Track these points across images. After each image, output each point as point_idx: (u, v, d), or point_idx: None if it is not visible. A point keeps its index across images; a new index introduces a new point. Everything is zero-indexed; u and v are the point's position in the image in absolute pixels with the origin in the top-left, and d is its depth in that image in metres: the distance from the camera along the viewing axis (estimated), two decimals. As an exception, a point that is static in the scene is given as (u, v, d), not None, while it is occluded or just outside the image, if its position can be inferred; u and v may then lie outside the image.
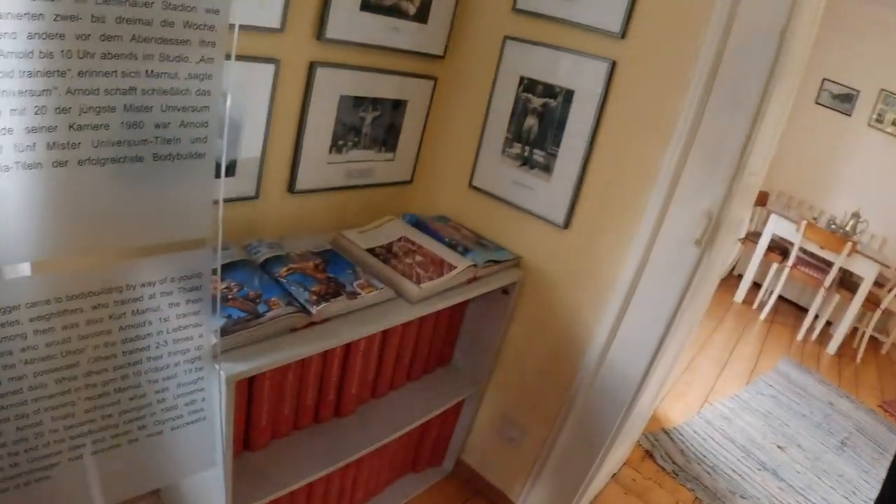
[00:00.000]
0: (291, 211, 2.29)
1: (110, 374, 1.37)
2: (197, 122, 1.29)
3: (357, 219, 2.46)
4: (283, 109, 2.08)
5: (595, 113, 2.14)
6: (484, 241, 2.45)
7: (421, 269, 2.10)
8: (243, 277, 1.81)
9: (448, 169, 2.65)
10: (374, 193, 2.55)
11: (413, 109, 2.52)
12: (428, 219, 2.50)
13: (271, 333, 1.67)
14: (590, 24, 2.12)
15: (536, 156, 2.32)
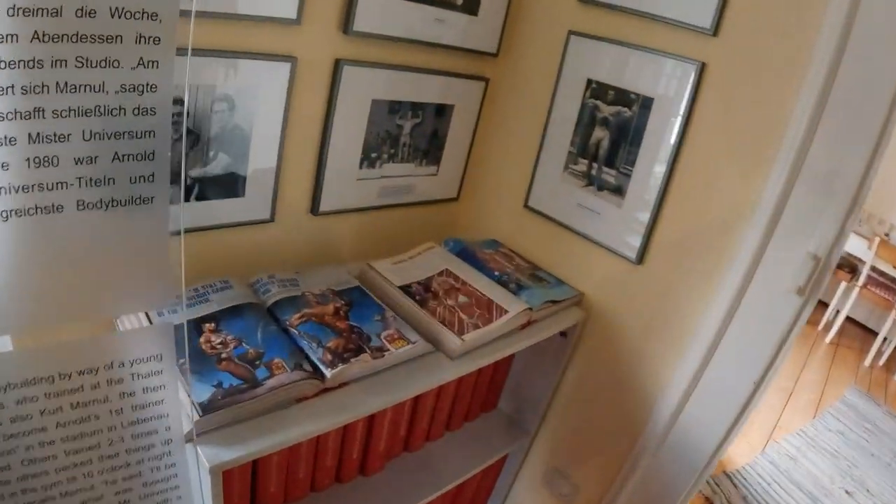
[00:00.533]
0: (314, 236, 1.97)
1: (52, 476, 1.06)
2: (136, 154, 0.95)
3: (392, 244, 2.12)
4: (303, 116, 1.75)
5: (679, 127, 1.75)
6: (540, 273, 2.08)
7: (465, 314, 1.74)
8: (244, 328, 1.48)
9: (500, 186, 2.28)
10: (413, 213, 2.21)
11: (460, 116, 2.14)
12: (475, 245, 2.14)
13: (272, 406, 1.35)
14: (674, 18, 1.72)
15: (606, 175, 1.92)
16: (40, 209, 0.87)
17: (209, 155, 1.60)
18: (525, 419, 2.32)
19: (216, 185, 1.65)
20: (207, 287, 1.60)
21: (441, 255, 1.99)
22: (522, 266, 2.09)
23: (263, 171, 1.72)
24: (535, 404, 2.27)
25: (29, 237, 0.88)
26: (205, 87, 1.51)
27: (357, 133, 1.87)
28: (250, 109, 1.61)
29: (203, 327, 1.47)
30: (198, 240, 1.69)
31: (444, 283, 1.85)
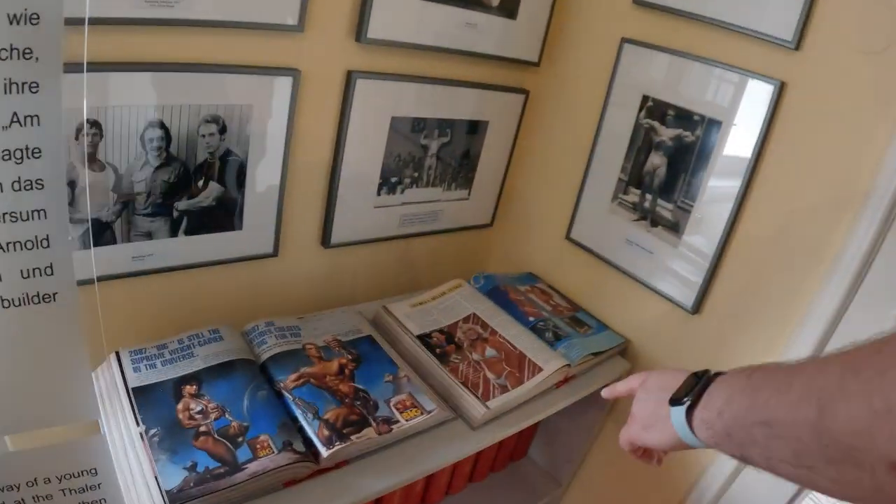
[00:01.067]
0: (325, 271, 1.75)
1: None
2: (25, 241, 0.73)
3: (416, 278, 1.92)
4: (310, 138, 1.52)
5: (751, 156, 1.46)
6: (581, 316, 1.83)
7: (492, 372, 1.50)
8: (230, 392, 1.27)
9: (540, 213, 2.03)
10: (441, 242, 1.97)
11: (496, 133, 1.88)
12: (509, 282, 1.89)
13: (255, 493, 1.13)
14: (748, 28, 1.44)
15: (661, 209, 1.65)
16: None
17: (197, 184, 1.39)
18: (558, 470, 2.08)
19: (208, 218, 1.44)
20: (194, 338, 1.39)
21: (468, 295, 1.75)
22: (561, 307, 1.84)
23: (264, 201, 1.51)
24: (570, 455, 2.03)
25: None
26: (188, 107, 1.30)
27: (374, 156, 1.64)
28: (245, 132, 1.39)
29: (183, 390, 1.26)
30: (187, 279, 1.50)
31: (471, 332, 1.61)
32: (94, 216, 1.28)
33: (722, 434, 0.78)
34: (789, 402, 0.66)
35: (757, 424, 0.70)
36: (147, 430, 1.16)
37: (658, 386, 1.00)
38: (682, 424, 0.87)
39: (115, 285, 1.40)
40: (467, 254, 2.10)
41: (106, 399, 1.25)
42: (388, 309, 1.62)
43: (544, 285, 1.94)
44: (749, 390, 0.75)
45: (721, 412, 0.79)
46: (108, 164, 1.24)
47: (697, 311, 1.62)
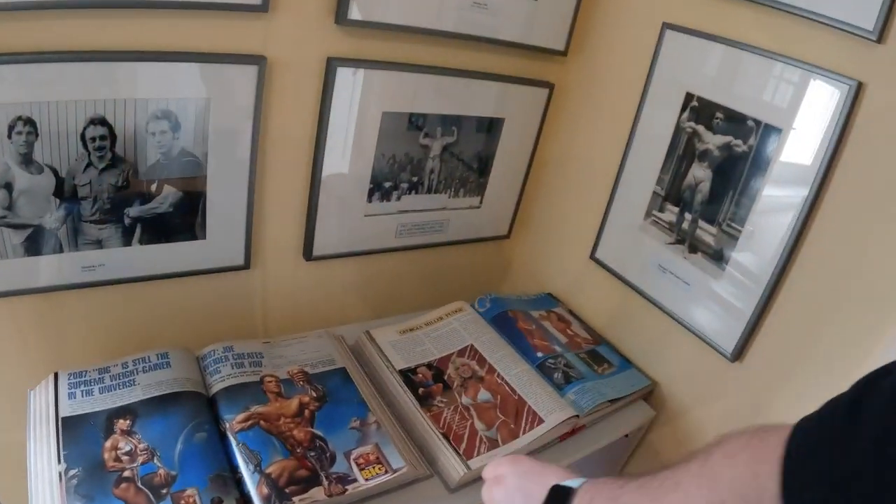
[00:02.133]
0: (307, 287, 1.58)
1: None
2: None
3: (418, 295, 1.72)
4: (283, 137, 1.33)
5: (817, 174, 1.19)
6: (602, 351, 1.58)
7: (482, 421, 1.29)
8: (164, 432, 1.11)
9: (562, 227, 1.79)
10: (447, 256, 1.75)
11: (514, 132, 1.64)
12: (521, 305, 1.66)
13: None
14: (817, 13, 1.16)
15: (702, 232, 1.39)
16: None
17: (150, 188, 1.22)
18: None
19: (165, 225, 1.28)
20: (138, 363, 1.23)
21: (469, 321, 1.52)
22: (579, 338, 1.60)
23: (230, 207, 1.33)
24: None
25: None
26: (134, 101, 1.13)
27: (363, 157, 1.43)
28: (203, 129, 1.22)
29: (115, 424, 1.11)
30: (143, 293, 1.35)
31: (464, 369, 1.39)
32: (35, 223, 1.14)
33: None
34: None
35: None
36: (67, 470, 1.01)
37: (518, 488, 0.93)
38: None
39: (63, 297, 1.26)
40: (480, 269, 1.89)
41: (36, 425, 1.11)
42: (371, 335, 1.42)
43: (563, 310, 1.71)
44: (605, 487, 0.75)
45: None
46: (46, 166, 1.10)
47: (738, 358, 1.36)
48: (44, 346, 1.30)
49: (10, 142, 1.04)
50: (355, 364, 1.36)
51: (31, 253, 1.16)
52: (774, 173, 1.26)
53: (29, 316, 1.25)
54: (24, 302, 1.22)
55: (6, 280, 1.16)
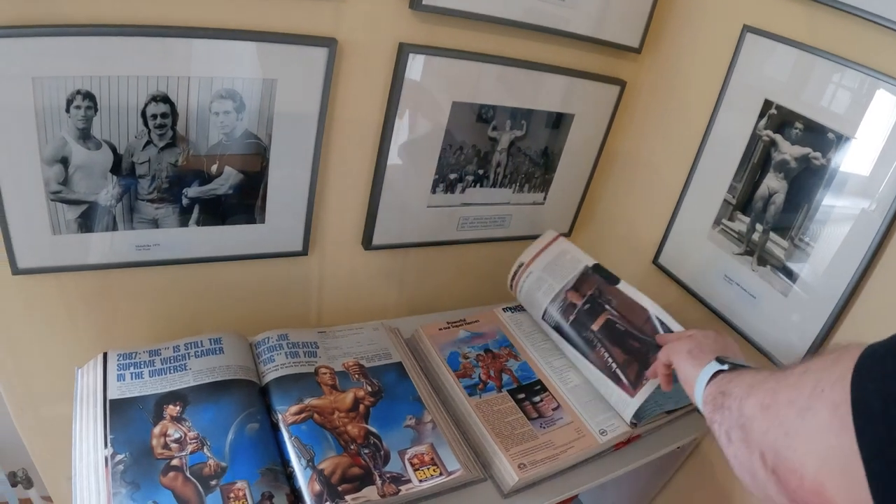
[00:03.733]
0: (365, 277, 1.54)
1: None
2: None
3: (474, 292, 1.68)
4: (350, 122, 1.29)
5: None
6: None
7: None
8: (215, 421, 1.08)
9: (626, 229, 1.73)
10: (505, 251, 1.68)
11: (582, 129, 1.58)
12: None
13: None
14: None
15: (773, 244, 1.33)
16: None
17: (210, 169, 1.19)
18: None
19: (224, 207, 1.25)
20: (191, 347, 1.20)
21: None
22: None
23: (292, 191, 1.30)
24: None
25: None
26: (198, 80, 1.09)
27: (430, 147, 1.39)
28: (268, 111, 1.18)
29: (165, 410, 1.08)
30: (197, 275, 1.33)
31: (522, 370, 1.35)
32: (91, 199, 1.11)
33: (712, 397, 0.84)
34: (741, 383, 0.77)
35: (721, 394, 0.79)
36: (113, 455, 0.98)
37: (722, 344, 1.07)
38: (707, 377, 0.91)
39: (115, 275, 1.24)
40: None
41: (83, 406, 1.08)
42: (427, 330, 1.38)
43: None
44: (746, 372, 0.82)
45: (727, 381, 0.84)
46: (104, 142, 1.07)
47: (802, 378, 1.29)
48: (93, 324, 1.28)
49: (69, 116, 1.02)
50: (411, 359, 1.32)
51: (84, 229, 1.14)
52: (852, 189, 1.19)
53: (79, 293, 1.23)
54: (75, 278, 1.20)
55: (58, 256, 1.14)
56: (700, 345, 1.05)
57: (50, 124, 1.01)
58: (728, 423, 0.73)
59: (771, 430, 0.62)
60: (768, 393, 0.66)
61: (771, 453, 0.62)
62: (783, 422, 0.61)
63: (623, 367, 1.30)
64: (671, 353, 1.10)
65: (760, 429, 0.64)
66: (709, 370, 0.92)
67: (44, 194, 1.07)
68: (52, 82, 0.98)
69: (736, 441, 0.70)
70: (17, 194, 1.05)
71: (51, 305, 1.22)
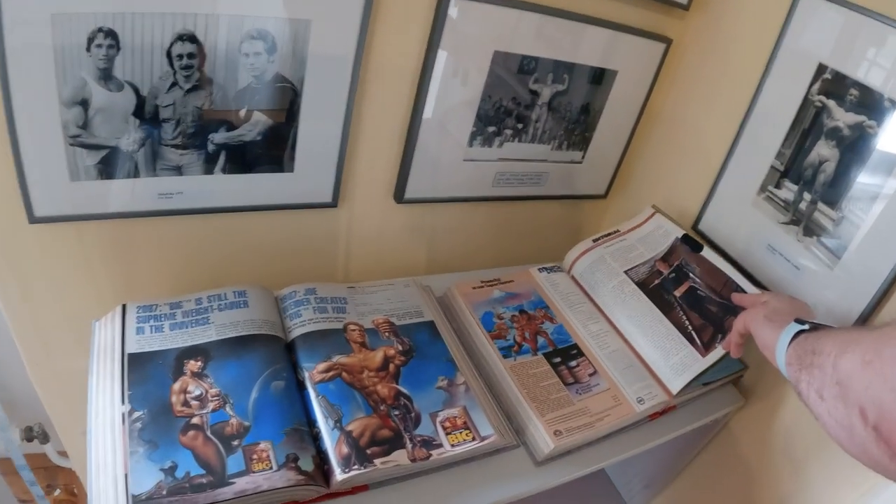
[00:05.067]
0: (396, 231, 1.49)
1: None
2: None
3: (507, 251, 1.61)
4: (386, 68, 1.23)
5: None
6: None
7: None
8: (238, 377, 1.03)
9: (666, 192, 1.65)
10: (541, 211, 1.64)
11: (624, 86, 1.51)
12: None
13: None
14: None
15: (820, 215, 1.26)
16: None
17: (238, 114, 1.13)
18: (631, 493, 1.78)
19: (251, 155, 1.20)
20: (214, 300, 1.15)
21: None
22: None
23: (322, 140, 1.24)
24: (648, 480, 1.73)
25: None
26: (228, 18, 1.03)
27: (468, 97, 1.32)
28: (301, 54, 1.12)
29: (186, 365, 1.03)
30: (222, 225, 1.28)
31: (558, 334, 1.30)
32: (112, 144, 1.06)
33: (797, 358, 0.84)
34: (833, 340, 0.74)
35: (811, 353, 0.78)
36: (131, 412, 0.94)
37: (797, 305, 1.10)
38: (788, 337, 0.90)
39: (135, 224, 1.19)
40: (573, 228, 1.77)
41: (100, 359, 1.04)
42: (461, 289, 1.33)
43: None
44: (833, 330, 0.82)
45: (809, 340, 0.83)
46: (126, 83, 1.01)
47: (840, 354, 1.23)
48: (112, 275, 1.24)
49: (89, 55, 0.96)
50: (443, 318, 1.27)
51: (104, 176, 1.09)
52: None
53: (98, 243, 1.19)
54: (94, 228, 1.16)
55: (77, 203, 1.10)
56: (776, 309, 1.05)
57: (69, 64, 0.96)
58: (820, 380, 0.73)
59: (873, 385, 0.62)
60: (869, 349, 0.65)
61: (874, 409, 0.62)
62: (889, 377, 0.60)
63: (698, 329, 1.27)
64: (748, 320, 1.09)
65: (861, 384, 0.64)
66: (790, 331, 0.91)
67: (62, 138, 1.02)
68: (72, 19, 0.92)
69: (830, 398, 0.69)
70: (33, 138, 1.00)
71: (68, 256, 1.18)
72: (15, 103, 0.95)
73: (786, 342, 0.90)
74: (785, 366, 0.89)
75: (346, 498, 0.97)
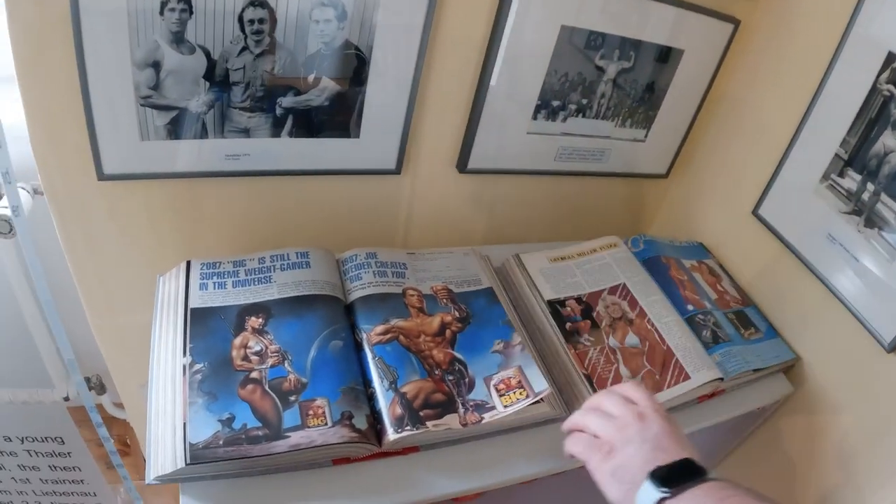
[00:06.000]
0: (456, 201, 1.49)
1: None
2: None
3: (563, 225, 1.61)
4: (453, 39, 1.23)
5: None
6: (750, 314, 1.43)
7: (627, 367, 1.19)
8: (297, 335, 1.05)
9: (726, 175, 1.60)
10: (601, 187, 1.63)
11: (690, 66, 1.49)
12: (673, 252, 1.52)
13: (289, 467, 0.94)
14: None
15: (883, 207, 1.23)
16: None
17: (307, 79, 1.15)
18: None
19: (318, 119, 1.21)
20: (276, 259, 1.18)
21: (622, 259, 1.41)
22: (728, 296, 1.46)
23: (389, 107, 1.25)
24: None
25: None
26: (301, -16, 1.05)
27: (535, 70, 1.32)
28: (370, 21, 1.13)
29: (247, 322, 1.06)
30: (286, 187, 1.30)
31: (614, 308, 1.29)
32: (182, 105, 1.09)
33: None
34: None
35: None
36: (191, 364, 0.97)
37: (652, 440, 0.85)
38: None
39: (201, 184, 1.22)
40: (631, 207, 1.76)
41: (163, 313, 1.07)
42: (521, 259, 1.33)
43: (714, 263, 1.56)
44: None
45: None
46: (198, 47, 1.04)
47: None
48: (175, 233, 1.28)
49: (163, 18, 0.99)
50: (500, 288, 1.28)
51: (173, 136, 1.12)
52: None
53: (164, 201, 1.22)
54: (160, 186, 1.19)
55: (145, 162, 1.13)
56: (623, 465, 0.84)
57: (143, 27, 0.98)
58: None
59: None
60: None
61: None
62: None
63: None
64: (592, 468, 0.89)
65: None
66: (646, 500, 0.76)
67: (133, 99, 1.05)
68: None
69: None
70: (106, 98, 1.03)
71: (134, 213, 1.21)
72: (89, 64, 0.98)
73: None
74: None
75: (397, 458, 0.99)
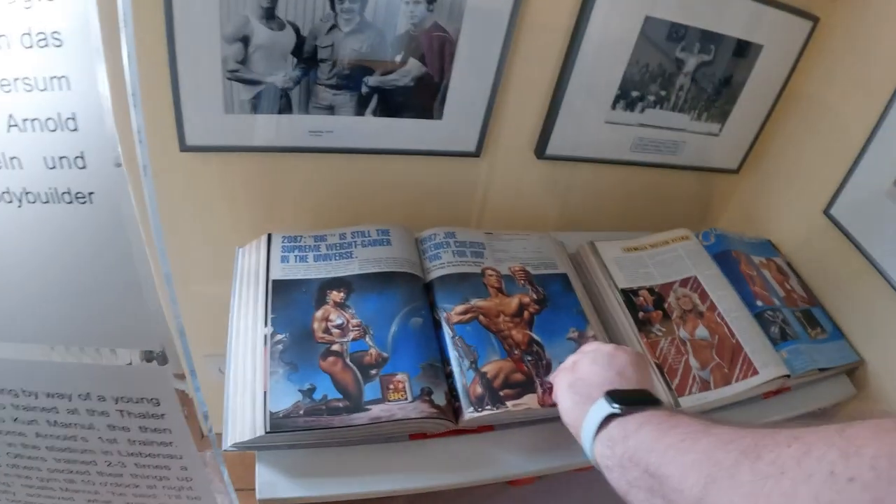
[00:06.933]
0: (533, 186, 1.49)
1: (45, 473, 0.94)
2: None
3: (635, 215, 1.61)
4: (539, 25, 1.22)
5: None
6: (817, 314, 1.42)
7: (696, 359, 1.19)
8: (378, 311, 1.07)
9: (799, 173, 1.58)
10: (673, 180, 1.62)
11: (768, 62, 1.47)
12: (743, 247, 1.51)
13: (368, 439, 0.97)
14: None
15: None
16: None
17: (394, 59, 1.16)
18: None
19: (403, 99, 1.23)
20: (357, 236, 1.19)
21: (693, 252, 1.40)
22: (796, 294, 1.45)
23: (472, 90, 1.26)
24: None
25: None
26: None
27: (617, 60, 1.32)
28: (459, 5, 1.14)
29: (328, 295, 1.08)
30: (368, 165, 1.31)
31: (685, 301, 1.29)
32: (268, 80, 1.11)
33: (617, 462, 0.68)
34: (683, 464, 0.58)
35: (647, 474, 0.62)
36: (273, 334, 0.99)
37: (617, 366, 0.88)
38: (594, 424, 0.75)
39: (283, 159, 1.25)
40: (700, 201, 1.75)
41: (244, 284, 1.10)
42: (596, 247, 1.34)
43: (782, 261, 1.54)
44: (662, 428, 0.65)
45: (627, 437, 0.69)
46: (288, 23, 1.06)
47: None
48: (254, 206, 1.29)
49: (253, -7, 1.00)
50: (575, 274, 1.29)
51: (257, 110, 1.14)
52: None
53: (244, 174, 1.24)
54: (241, 159, 1.21)
55: (228, 135, 1.15)
56: (582, 377, 0.88)
57: (234, 2, 1.00)
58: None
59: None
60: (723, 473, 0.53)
61: None
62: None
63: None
64: (554, 383, 0.96)
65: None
66: (598, 412, 0.76)
67: (220, 72, 1.07)
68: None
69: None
70: (193, 71, 1.05)
71: (214, 185, 1.23)
72: (178, 36, 1.00)
73: (592, 427, 0.76)
74: (596, 458, 0.74)
75: (471, 436, 1.01)
